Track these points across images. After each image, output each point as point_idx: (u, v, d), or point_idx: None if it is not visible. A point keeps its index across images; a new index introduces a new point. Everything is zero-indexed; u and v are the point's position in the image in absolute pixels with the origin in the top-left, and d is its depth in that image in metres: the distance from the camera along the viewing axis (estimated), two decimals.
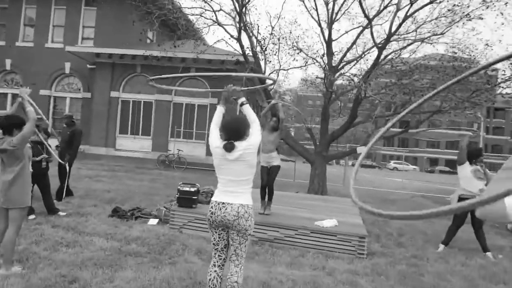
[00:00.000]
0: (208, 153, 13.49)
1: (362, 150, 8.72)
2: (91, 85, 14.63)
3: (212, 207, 2.34)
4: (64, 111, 15.25)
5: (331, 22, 8.29)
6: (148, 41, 16.74)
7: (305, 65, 7.44)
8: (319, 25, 8.44)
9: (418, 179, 23.93)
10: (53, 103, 15.30)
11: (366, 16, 7.06)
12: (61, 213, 4.93)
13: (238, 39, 7.54)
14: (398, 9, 6.48)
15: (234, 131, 2.35)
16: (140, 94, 14.16)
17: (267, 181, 4.93)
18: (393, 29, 6.73)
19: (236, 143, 2.30)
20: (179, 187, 4.93)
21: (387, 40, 6.92)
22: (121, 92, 14.20)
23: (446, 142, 53.48)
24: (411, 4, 6.37)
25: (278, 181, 12.33)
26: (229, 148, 2.29)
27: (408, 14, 6.47)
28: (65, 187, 5.78)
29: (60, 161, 5.13)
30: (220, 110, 2.60)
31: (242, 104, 2.56)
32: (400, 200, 9.96)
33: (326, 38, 8.35)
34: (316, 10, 8.42)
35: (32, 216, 4.63)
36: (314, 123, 9.19)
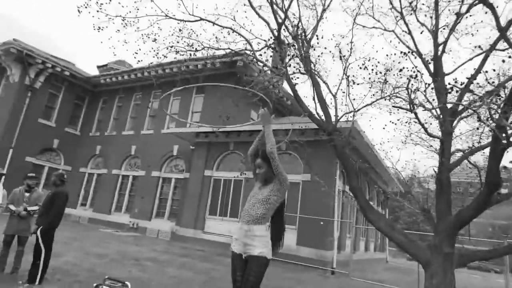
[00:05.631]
0: (300, 242, 10.85)
1: None
2: (191, 166, 14.70)
3: None
4: (169, 192, 15.62)
5: (437, 56, 5.59)
6: (251, 121, 16.55)
7: (390, 95, 4.61)
8: (419, 55, 5.82)
9: None
10: (161, 184, 15.90)
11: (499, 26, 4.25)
12: None
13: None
14: None
15: None
16: (232, 172, 13.24)
17: None
18: None
19: None
20: None
21: None
22: (214, 171, 13.65)
23: None
24: None
25: None
26: None
27: None
28: (41, 266, 4.46)
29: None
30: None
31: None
32: None
33: (432, 70, 5.59)
34: (412, 38, 5.94)
35: None
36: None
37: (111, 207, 16.84)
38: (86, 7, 4.58)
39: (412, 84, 4.12)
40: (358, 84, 5.30)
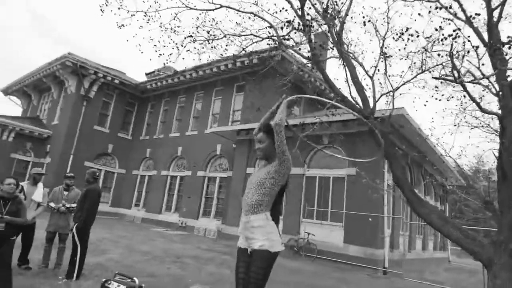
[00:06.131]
0: (348, 239, 10.26)
1: None
2: (233, 164, 14.71)
3: None
4: (214, 191, 15.79)
5: (492, 24, 4.79)
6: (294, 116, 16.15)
7: (432, 68, 3.91)
8: (470, 24, 5.05)
9: None
10: (206, 183, 16.14)
11: None
12: None
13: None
14: None
15: None
16: None
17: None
18: None
19: None
20: None
21: None
22: (255, 168, 13.48)
23: None
24: None
25: None
26: None
27: None
28: (77, 262, 4.57)
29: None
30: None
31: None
32: None
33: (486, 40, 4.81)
34: (460, 5, 5.18)
35: None
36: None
37: (162, 207, 17.49)
38: (107, 5, 4.65)
39: (456, 51, 3.50)
40: (391, 56, 4.71)
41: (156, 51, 4.72)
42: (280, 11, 5.48)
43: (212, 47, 5.11)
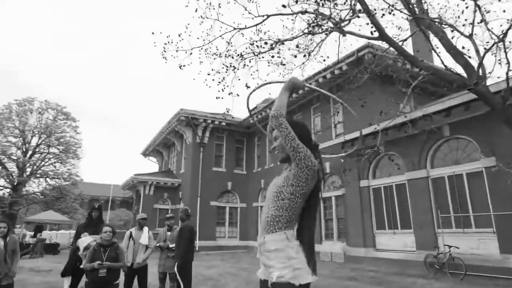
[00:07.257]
0: (506, 248, 8.08)
1: None
2: (344, 180, 13.71)
3: None
4: (332, 211, 14.92)
5: None
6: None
7: None
8: None
9: None
10: (322, 204, 15.43)
11: None
12: None
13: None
14: None
15: None
16: (390, 177, 11.52)
17: None
18: None
19: None
20: None
21: None
22: (370, 180, 12.22)
23: None
24: None
25: None
26: None
27: None
28: None
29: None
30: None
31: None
32: None
33: None
34: None
35: None
36: None
37: None
38: (165, 51, 5.00)
39: None
40: None
41: (213, 79, 4.79)
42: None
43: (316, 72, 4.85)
